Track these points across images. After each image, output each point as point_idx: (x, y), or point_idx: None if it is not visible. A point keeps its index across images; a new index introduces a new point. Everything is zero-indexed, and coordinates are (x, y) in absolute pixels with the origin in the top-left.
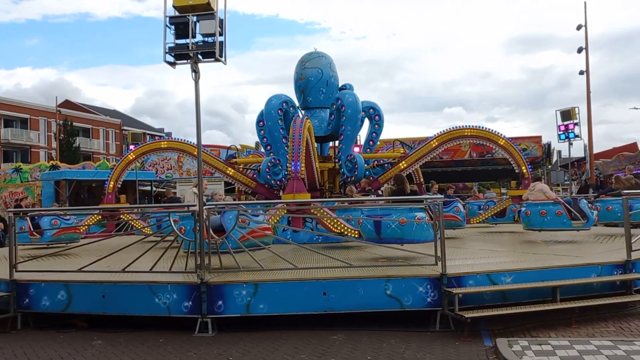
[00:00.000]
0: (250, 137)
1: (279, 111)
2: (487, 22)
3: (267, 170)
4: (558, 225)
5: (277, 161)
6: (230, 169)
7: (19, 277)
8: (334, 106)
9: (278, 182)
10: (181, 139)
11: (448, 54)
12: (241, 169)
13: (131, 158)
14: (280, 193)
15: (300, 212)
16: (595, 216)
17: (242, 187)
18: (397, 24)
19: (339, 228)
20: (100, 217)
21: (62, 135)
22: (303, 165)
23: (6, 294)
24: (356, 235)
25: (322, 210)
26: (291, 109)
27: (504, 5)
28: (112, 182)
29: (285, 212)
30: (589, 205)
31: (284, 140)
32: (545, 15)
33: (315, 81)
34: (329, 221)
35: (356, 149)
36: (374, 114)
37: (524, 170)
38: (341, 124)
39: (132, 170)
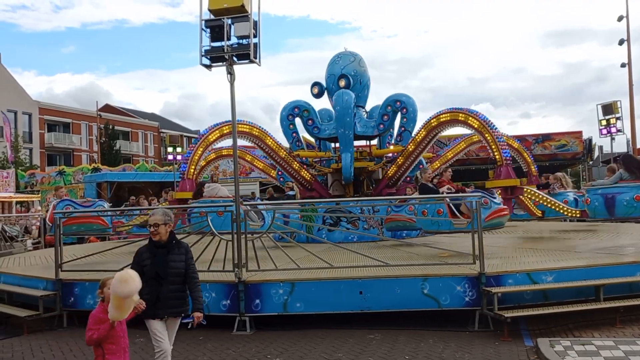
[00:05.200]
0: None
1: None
2: (520, 17)
3: (350, 165)
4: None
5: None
6: (295, 162)
7: (65, 276)
8: (390, 107)
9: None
10: (265, 130)
11: (480, 50)
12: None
13: (212, 139)
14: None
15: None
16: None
17: (301, 181)
18: (429, 21)
19: (558, 208)
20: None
21: (103, 139)
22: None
23: (52, 293)
24: (578, 215)
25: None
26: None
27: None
28: (192, 167)
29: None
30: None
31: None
32: (581, 7)
33: (356, 81)
34: (548, 202)
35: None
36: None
37: (532, 170)
38: (401, 125)
39: (169, 171)
